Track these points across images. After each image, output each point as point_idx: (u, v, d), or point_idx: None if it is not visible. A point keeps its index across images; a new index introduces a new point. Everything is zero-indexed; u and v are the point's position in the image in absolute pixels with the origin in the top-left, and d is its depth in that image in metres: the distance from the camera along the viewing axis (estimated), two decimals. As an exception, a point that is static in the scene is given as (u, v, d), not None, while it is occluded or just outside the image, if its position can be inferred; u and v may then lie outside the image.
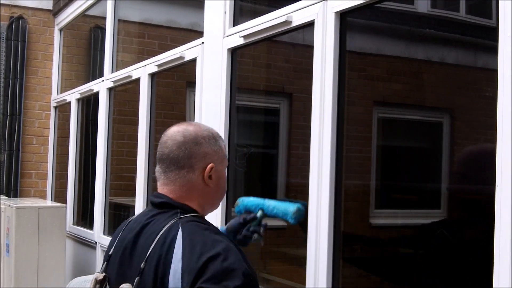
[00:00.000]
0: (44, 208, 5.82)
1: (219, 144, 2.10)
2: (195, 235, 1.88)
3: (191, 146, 2.02)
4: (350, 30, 2.72)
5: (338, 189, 2.67)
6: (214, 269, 1.78)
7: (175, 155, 2.02)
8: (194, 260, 1.80)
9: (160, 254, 1.87)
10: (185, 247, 1.84)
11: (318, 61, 2.74)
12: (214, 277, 1.77)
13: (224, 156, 2.12)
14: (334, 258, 2.65)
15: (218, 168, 2.07)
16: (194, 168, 2.02)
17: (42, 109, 7.30)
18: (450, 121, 2.80)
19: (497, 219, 1.84)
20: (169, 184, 2.05)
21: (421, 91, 2.85)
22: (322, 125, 2.69)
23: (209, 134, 2.08)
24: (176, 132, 2.06)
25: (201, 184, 2.04)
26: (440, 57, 2.68)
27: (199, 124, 2.16)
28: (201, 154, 2.03)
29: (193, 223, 1.94)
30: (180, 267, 1.81)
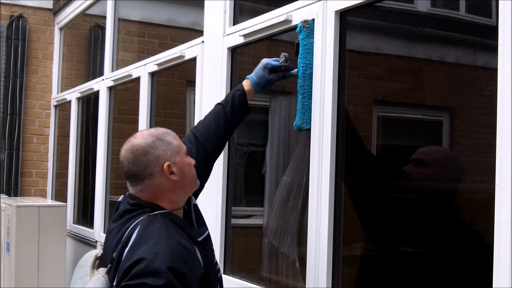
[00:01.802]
0: (44, 207, 5.83)
1: (166, 140, 2.28)
2: (143, 240, 2.10)
3: (142, 158, 2.22)
4: (350, 29, 2.72)
5: (338, 188, 2.67)
6: (137, 269, 2.01)
7: (133, 171, 2.24)
8: (129, 261, 2.05)
9: (121, 249, 2.13)
10: (130, 250, 2.10)
11: (318, 60, 2.74)
12: (135, 276, 2.00)
13: (176, 148, 2.28)
14: (334, 258, 2.65)
15: (176, 160, 2.26)
16: (153, 174, 2.22)
17: (43, 108, 7.30)
18: (450, 120, 2.79)
19: (497, 218, 1.84)
20: (139, 193, 2.27)
21: (421, 90, 2.85)
22: (322, 124, 2.69)
23: (153, 139, 2.26)
24: (126, 150, 2.26)
25: (167, 182, 2.24)
26: (440, 56, 2.68)
27: (142, 133, 2.33)
28: (154, 160, 2.22)
29: (151, 226, 2.15)
30: (120, 265, 2.09)
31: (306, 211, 2.78)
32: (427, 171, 2.70)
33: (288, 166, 2.93)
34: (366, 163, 2.90)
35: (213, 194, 3.45)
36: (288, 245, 2.93)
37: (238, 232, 3.50)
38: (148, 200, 2.26)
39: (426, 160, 2.69)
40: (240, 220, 3.80)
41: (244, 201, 4.18)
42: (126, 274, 2.04)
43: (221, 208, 3.44)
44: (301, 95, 2.75)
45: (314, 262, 2.70)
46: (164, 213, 2.24)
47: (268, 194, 3.19)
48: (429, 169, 2.70)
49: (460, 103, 2.70)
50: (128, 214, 2.26)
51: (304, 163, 2.82)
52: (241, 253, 3.42)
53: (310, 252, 2.72)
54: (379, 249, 2.93)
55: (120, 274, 2.07)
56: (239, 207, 3.96)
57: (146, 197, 2.26)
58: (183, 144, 2.36)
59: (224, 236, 3.45)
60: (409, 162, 2.72)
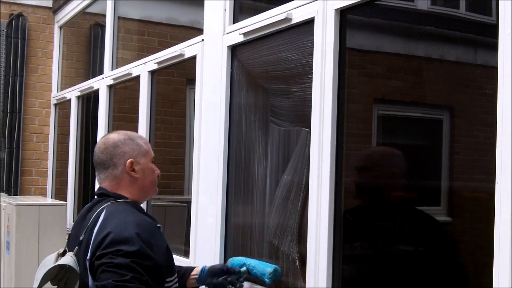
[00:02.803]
0: (44, 206, 5.83)
1: (137, 142, 2.58)
2: (111, 217, 2.37)
3: (111, 149, 2.54)
4: (350, 27, 2.72)
5: (338, 187, 2.67)
6: (110, 239, 2.25)
7: (101, 160, 2.56)
8: (101, 235, 2.29)
9: (91, 229, 2.38)
10: (100, 226, 2.35)
11: (318, 59, 2.74)
12: (110, 245, 2.24)
13: (144, 151, 2.58)
14: (334, 257, 2.65)
15: (141, 161, 2.56)
16: (116, 165, 2.53)
17: (42, 106, 7.30)
18: (450, 118, 2.79)
19: (497, 217, 1.84)
20: (103, 182, 2.57)
21: (421, 88, 2.85)
22: (322, 122, 2.69)
23: (126, 137, 2.58)
24: (100, 142, 2.60)
25: (127, 177, 2.53)
26: (440, 54, 2.67)
27: (119, 131, 2.64)
28: (120, 154, 2.53)
29: (117, 208, 2.44)
30: (92, 241, 2.32)
31: (306, 209, 2.78)
32: (370, 174, 2.76)
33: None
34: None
35: (213, 193, 3.45)
36: (288, 244, 2.93)
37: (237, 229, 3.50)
38: (112, 190, 2.54)
39: (367, 165, 2.81)
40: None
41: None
42: (100, 245, 2.27)
43: (221, 207, 3.44)
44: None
45: (314, 261, 2.70)
46: (127, 200, 2.53)
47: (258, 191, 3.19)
48: (371, 172, 2.80)
49: (460, 101, 2.70)
50: (96, 204, 2.54)
51: (304, 161, 2.82)
52: (241, 252, 3.42)
53: (310, 250, 2.72)
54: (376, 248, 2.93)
55: (94, 247, 2.29)
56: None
57: (109, 186, 2.55)
58: (151, 152, 2.64)
59: (225, 234, 3.46)
60: (356, 170, 2.80)
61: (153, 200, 4.84)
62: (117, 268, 2.20)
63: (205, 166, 3.65)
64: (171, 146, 5.93)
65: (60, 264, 2.36)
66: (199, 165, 3.72)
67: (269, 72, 3.13)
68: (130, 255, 2.22)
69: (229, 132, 3.45)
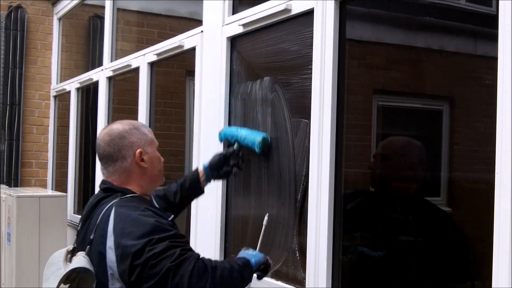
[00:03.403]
0: (45, 197, 5.84)
1: (142, 131, 2.50)
2: (122, 215, 2.26)
3: (118, 141, 2.43)
4: (349, 18, 2.71)
5: (338, 178, 2.68)
6: (137, 240, 2.16)
7: (107, 152, 2.44)
8: (123, 239, 2.20)
9: (102, 228, 2.27)
10: (115, 225, 2.24)
11: (317, 50, 2.74)
12: (141, 246, 2.15)
13: (150, 140, 2.51)
14: (334, 247, 2.66)
15: (148, 150, 2.48)
16: (125, 157, 2.43)
17: (42, 98, 7.30)
18: (449, 109, 2.79)
19: (497, 207, 1.84)
20: (112, 175, 2.46)
21: (420, 79, 2.85)
22: (322, 113, 2.69)
23: (131, 127, 2.48)
24: (104, 134, 2.48)
25: (136, 168, 2.45)
26: (440, 45, 2.67)
27: (121, 121, 2.53)
28: (128, 145, 2.44)
29: (125, 204, 2.32)
30: (112, 240, 2.22)
31: (306, 200, 2.79)
32: (389, 164, 2.76)
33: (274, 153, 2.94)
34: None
35: (213, 185, 3.46)
36: (288, 236, 2.94)
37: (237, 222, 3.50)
38: (119, 185, 2.45)
39: (386, 154, 2.77)
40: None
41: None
42: (128, 254, 2.16)
43: (221, 199, 3.45)
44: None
45: (314, 251, 2.70)
46: (135, 195, 2.43)
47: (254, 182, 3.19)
48: (390, 161, 2.76)
49: (460, 92, 2.70)
50: (102, 200, 2.42)
51: (304, 153, 2.83)
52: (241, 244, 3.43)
53: (310, 240, 2.73)
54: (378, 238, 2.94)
55: (120, 260, 2.19)
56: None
57: (117, 180, 2.46)
58: (155, 140, 2.56)
59: (225, 227, 3.46)
60: (373, 157, 2.79)
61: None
62: (162, 253, 2.13)
63: (205, 158, 3.65)
64: (171, 138, 5.93)
65: (73, 268, 2.27)
66: (199, 157, 3.73)
67: (269, 63, 3.13)
68: (165, 238, 2.17)
69: (228, 124, 3.45)
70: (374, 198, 2.89)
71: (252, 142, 3.04)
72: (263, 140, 3.02)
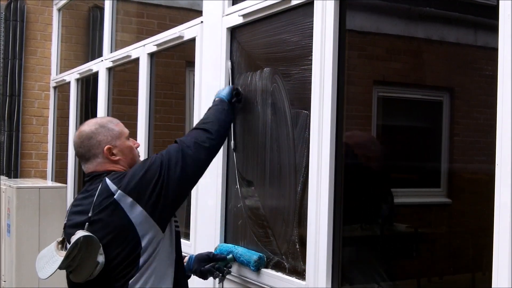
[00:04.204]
0: (44, 188, 5.84)
1: (108, 127, 2.70)
2: (115, 175, 2.57)
3: (87, 142, 2.67)
4: (349, 9, 2.70)
5: (338, 169, 2.67)
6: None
7: (81, 153, 2.71)
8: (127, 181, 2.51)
9: (102, 199, 2.51)
10: (113, 182, 2.52)
11: (317, 40, 2.73)
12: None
13: (118, 134, 2.71)
14: (334, 239, 2.66)
15: (117, 144, 2.69)
16: (96, 154, 2.66)
17: (42, 89, 7.29)
18: (450, 100, 2.79)
19: (497, 199, 1.84)
20: (90, 168, 2.70)
21: (421, 70, 2.84)
22: (322, 104, 2.69)
23: (96, 126, 2.69)
24: (75, 136, 2.72)
25: (109, 161, 2.67)
26: (440, 36, 2.67)
27: (89, 121, 2.77)
28: (96, 144, 2.66)
29: (114, 173, 2.61)
30: (120, 193, 2.49)
31: (306, 192, 2.79)
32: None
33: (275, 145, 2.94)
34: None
35: (213, 175, 3.46)
36: (288, 227, 2.94)
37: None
38: (100, 169, 2.67)
39: (349, 143, 2.86)
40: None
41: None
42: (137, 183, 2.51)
43: (221, 189, 3.45)
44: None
45: (314, 243, 2.70)
46: (119, 171, 2.67)
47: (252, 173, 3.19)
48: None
49: (460, 83, 2.69)
50: (90, 186, 2.64)
51: (304, 144, 2.82)
52: (243, 235, 3.43)
53: (310, 232, 2.73)
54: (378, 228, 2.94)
55: (138, 192, 2.49)
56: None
57: (97, 168, 2.67)
58: (125, 129, 2.76)
59: (225, 216, 3.46)
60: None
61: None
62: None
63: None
64: (171, 129, 5.93)
65: (78, 238, 2.40)
66: (199, 148, 3.72)
67: (269, 54, 3.12)
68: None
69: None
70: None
71: (247, 260, 3.07)
72: (259, 259, 3.04)
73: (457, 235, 2.73)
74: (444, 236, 2.77)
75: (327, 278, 2.66)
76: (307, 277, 2.76)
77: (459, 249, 2.67)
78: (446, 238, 2.75)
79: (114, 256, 2.46)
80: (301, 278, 2.82)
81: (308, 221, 2.75)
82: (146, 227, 2.48)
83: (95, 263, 2.42)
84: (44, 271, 2.47)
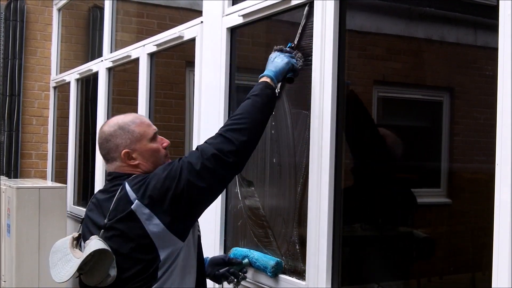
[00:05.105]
0: (44, 189, 5.83)
1: (128, 129, 2.55)
2: (136, 179, 2.44)
3: (105, 144, 2.57)
4: (349, 9, 2.70)
5: (338, 169, 2.67)
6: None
7: (102, 154, 2.62)
8: (146, 191, 2.37)
9: (121, 207, 2.39)
10: (133, 190, 2.39)
11: (317, 40, 2.73)
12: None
13: (138, 136, 2.55)
14: (334, 238, 2.66)
15: (136, 147, 2.54)
16: (114, 158, 2.55)
17: (42, 89, 7.29)
18: (450, 100, 2.79)
19: (497, 198, 1.84)
20: (110, 168, 2.60)
21: (421, 70, 2.84)
22: (322, 104, 2.69)
23: (116, 128, 2.56)
24: (98, 135, 2.63)
25: (127, 165, 2.54)
26: (440, 36, 2.67)
27: (111, 120, 2.63)
28: (114, 148, 2.54)
29: (134, 178, 2.47)
30: (137, 203, 2.36)
31: (306, 192, 2.78)
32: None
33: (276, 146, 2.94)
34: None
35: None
36: (288, 227, 2.94)
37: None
38: (121, 171, 2.55)
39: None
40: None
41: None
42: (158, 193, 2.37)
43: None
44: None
45: (314, 244, 2.70)
46: (139, 174, 2.53)
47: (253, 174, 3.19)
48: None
49: (460, 83, 2.70)
50: (111, 187, 2.52)
51: (304, 144, 2.82)
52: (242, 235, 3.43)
53: (311, 232, 2.73)
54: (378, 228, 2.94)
55: (156, 201, 2.37)
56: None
57: (118, 170, 2.56)
58: (149, 130, 2.59)
59: (225, 217, 3.46)
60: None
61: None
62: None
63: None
64: (171, 129, 5.93)
65: (95, 250, 2.33)
66: (199, 148, 3.72)
67: (269, 54, 3.11)
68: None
69: (228, 115, 3.45)
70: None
71: (264, 266, 2.94)
72: (276, 264, 2.91)
73: (457, 235, 2.73)
74: (444, 236, 2.77)
75: (327, 278, 2.66)
76: (307, 277, 2.76)
77: (459, 249, 2.68)
78: (446, 238, 2.75)
79: (128, 268, 2.37)
80: (301, 278, 2.82)
81: (308, 221, 2.75)
82: (165, 240, 2.37)
83: (106, 274, 2.34)
84: (57, 270, 2.41)
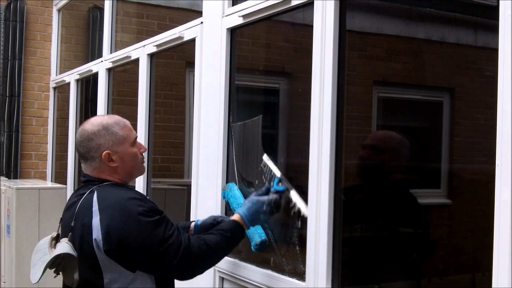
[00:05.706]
0: (44, 189, 5.84)
1: (112, 131, 2.56)
2: (106, 195, 2.45)
3: (86, 143, 2.56)
4: (350, 9, 2.70)
5: (338, 169, 2.67)
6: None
7: (80, 152, 2.61)
8: (109, 219, 2.37)
9: (84, 212, 2.45)
10: (100, 205, 2.41)
11: (318, 41, 2.73)
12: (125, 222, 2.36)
13: (121, 139, 2.57)
14: (334, 238, 2.66)
15: (118, 149, 2.56)
16: (94, 157, 2.56)
17: (41, 90, 7.29)
18: (450, 100, 2.79)
19: (497, 199, 1.84)
20: (87, 169, 2.61)
21: (421, 70, 2.84)
22: (322, 105, 2.69)
23: (100, 128, 2.56)
24: (78, 133, 2.62)
25: (106, 166, 2.56)
26: (441, 36, 2.67)
27: (94, 119, 2.63)
28: (95, 147, 2.54)
29: (105, 187, 2.51)
30: (97, 220, 2.38)
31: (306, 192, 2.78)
32: (383, 157, 2.77)
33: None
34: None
35: (213, 176, 3.46)
36: (287, 228, 2.93)
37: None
38: (95, 176, 2.58)
39: (382, 147, 2.79)
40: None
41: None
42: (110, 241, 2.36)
43: (221, 190, 3.45)
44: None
45: (314, 245, 2.70)
46: (111, 183, 2.57)
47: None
48: (384, 155, 2.77)
49: (460, 83, 2.70)
50: (82, 189, 2.59)
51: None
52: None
53: (310, 232, 2.72)
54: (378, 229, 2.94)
55: (106, 242, 2.36)
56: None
57: (92, 173, 2.59)
58: (131, 134, 2.63)
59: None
60: (365, 147, 2.80)
61: (153, 184, 4.84)
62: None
63: (205, 149, 3.65)
64: (171, 129, 5.94)
65: (57, 254, 2.41)
66: (199, 148, 3.72)
67: (269, 54, 3.11)
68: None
69: (228, 115, 3.45)
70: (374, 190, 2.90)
71: (250, 238, 2.90)
72: (261, 243, 2.87)
73: (457, 236, 2.73)
74: (444, 236, 2.77)
75: (327, 279, 2.66)
76: (307, 278, 2.75)
77: (459, 249, 2.67)
78: (446, 239, 2.75)
79: (81, 274, 2.42)
80: (301, 279, 2.81)
81: (308, 222, 2.74)
82: (110, 267, 2.41)
83: (73, 277, 2.41)
84: (35, 270, 2.48)
